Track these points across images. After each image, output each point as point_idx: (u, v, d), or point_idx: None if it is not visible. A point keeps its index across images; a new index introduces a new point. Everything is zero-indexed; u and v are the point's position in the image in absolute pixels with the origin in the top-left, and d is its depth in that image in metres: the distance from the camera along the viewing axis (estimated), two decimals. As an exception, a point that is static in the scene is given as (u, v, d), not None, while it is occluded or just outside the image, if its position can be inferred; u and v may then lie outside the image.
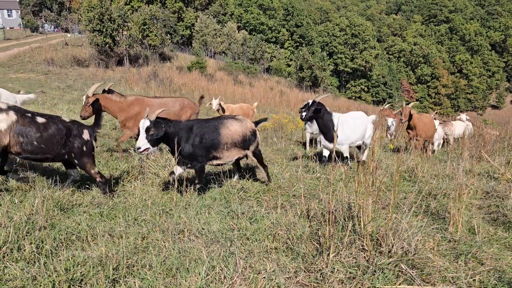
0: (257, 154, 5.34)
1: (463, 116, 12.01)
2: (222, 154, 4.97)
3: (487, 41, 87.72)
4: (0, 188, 4.49)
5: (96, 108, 5.93)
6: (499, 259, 3.46)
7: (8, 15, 54.80)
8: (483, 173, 6.71)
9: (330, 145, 6.53)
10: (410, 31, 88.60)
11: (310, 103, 6.37)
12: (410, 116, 8.64)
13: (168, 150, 7.25)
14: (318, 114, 6.40)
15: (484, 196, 5.40)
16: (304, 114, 6.37)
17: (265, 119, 5.68)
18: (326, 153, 6.75)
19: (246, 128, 5.14)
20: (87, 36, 31.69)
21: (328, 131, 6.46)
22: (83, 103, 6.19)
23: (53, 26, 57.10)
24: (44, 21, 57.03)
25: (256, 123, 5.42)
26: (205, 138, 4.80)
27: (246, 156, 5.29)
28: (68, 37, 40.16)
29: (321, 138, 6.66)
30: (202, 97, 7.74)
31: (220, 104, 10.51)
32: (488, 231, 4.13)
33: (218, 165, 5.14)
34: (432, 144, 9.93)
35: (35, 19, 55.00)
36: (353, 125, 6.71)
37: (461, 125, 11.11)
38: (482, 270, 3.21)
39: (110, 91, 6.69)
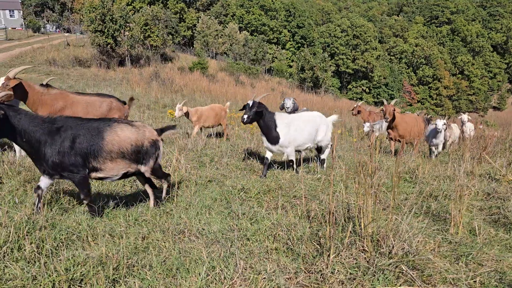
0: (156, 170, 4.36)
1: (465, 116, 11.51)
2: (104, 165, 3.98)
3: (489, 43, 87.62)
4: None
5: (19, 94, 5.27)
6: (500, 260, 3.45)
7: (10, 15, 54.87)
8: (484, 175, 6.70)
9: (273, 147, 6.13)
10: (411, 32, 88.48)
11: (250, 104, 5.92)
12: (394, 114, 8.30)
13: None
14: (261, 114, 5.98)
15: (485, 198, 5.39)
16: (245, 116, 5.88)
17: (173, 127, 4.62)
18: (268, 155, 6.29)
19: (144, 136, 4.15)
20: (89, 36, 31.74)
21: (269, 132, 6.07)
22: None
23: (55, 27, 57.21)
24: (46, 22, 57.13)
25: (161, 130, 4.45)
26: (80, 142, 3.82)
27: (138, 173, 4.32)
28: (66, 36, 40.18)
29: (263, 139, 6.24)
30: (132, 99, 6.93)
31: (183, 110, 8.99)
32: (489, 232, 4.12)
33: (99, 179, 4.11)
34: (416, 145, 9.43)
35: (37, 20, 55.09)
36: (301, 126, 6.22)
37: (456, 128, 10.76)
38: (483, 271, 3.20)
39: (47, 86, 5.94)
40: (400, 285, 2.96)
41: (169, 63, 37.65)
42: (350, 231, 3.41)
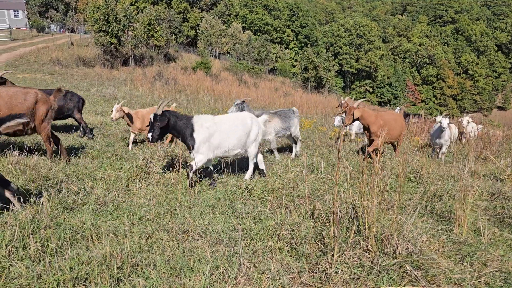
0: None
1: (465, 119, 10.78)
2: None
3: (493, 42, 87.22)
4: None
5: None
6: (505, 260, 3.44)
7: (15, 15, 55.14)
8: (488, 175, 6.67)
9: (191, 156, 5.41)
10: (415, 31, 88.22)
11: (152, 119, 5.21)
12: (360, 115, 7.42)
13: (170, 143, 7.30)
14: (167, 126, 5.29)
15: (490, 198, 5.36)
16: (149, 136, 5.21)
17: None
18: (207, 164, 5.61)
19: None
20: (93, 36, 31.83)
21: (185, 139, 5.37)
22: None
23: (59, 27, 57.43)
24: (50, 22, 57.39)
25: None
26: None
27: None
28: (68, 35, 40.28)
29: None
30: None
31: (123, 111, 7.88)
32: (494, 232, 4.10)
33: None
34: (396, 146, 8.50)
35: (41, 20, 55.36)
36: (226, 129, 5.53)
37: (454, 128, 10.15)
38: (488, 271, 3.19)
39: (1, 79, 5.63)
40: (404, 285, 2.95)
41: (173, 63, 37.70)
42: (354, 231, 3.40)
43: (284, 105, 23.27)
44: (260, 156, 6.08)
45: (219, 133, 5.44)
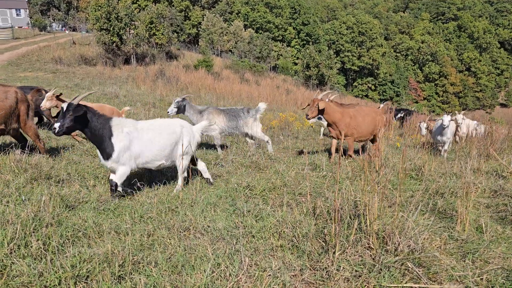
0: None
1: (459, 116, 10.27)
2: None
3: (496, 39, 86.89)
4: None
5: None
6: (507, 258, 3.42)
7: (17, 14, 55.25)
8: (491, 172, 6.64)
9: (108, 164, 4.67)
10: (417, 29, 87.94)
11: (65, 108, 4.47)
12: (324, 109, 6.90)
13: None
14: (81, 121, 4.52)
15: (492, 195, 5.34)
16: (56, 126, 4.45)
17: None
18: (113, 176, 4.78)
19: None
20: (95, 35, 31.86)
21: (101, 144, 4.62)
22: None
23: (61, 25, 57.51)
24: (52, 20, 57.49)
25: None
26: None
27: None
28: (68, 33, 40.36)
29: (98, 153, 4.77)
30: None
31: (59, 99, 6.99)
32: (496, 230, 4.08)
33: None
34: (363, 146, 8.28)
35: (43, 18, 55.45)
36: (149, 138, 4.88)
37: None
38: (490, 269, 3.18)
39: None
40: (406, 283, 2.94)
41: (174, 61, 37.71)
42: (356, 228, 3.40)
43: (286, 103, 23.28)
44: (202, 165, 5.51)
45: (139, 140, 4.79)
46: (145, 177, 5.60)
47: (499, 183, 5.71)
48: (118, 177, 4.68)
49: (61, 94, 7.06)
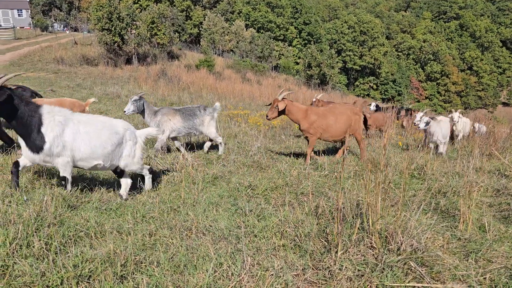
0: None
1: (456, 114, 9.57)
2: None
3: (498, 38, 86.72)
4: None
5: None
6: (510, 257, 3.41)
7: (19, 14, 55.38)
8: (493, 171, 6.63)
9: (35, 157, 4.20)
10: (419, 28, 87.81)
11: None
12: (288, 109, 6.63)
13: (176, 148, 7.30)
14: (3, 109, 4.02)
15: (495, 194, 5.33)
16: None
17: None
18: (24, 161, 4.34)
19: None
20: (96, 35, 31.89)
21: (28, 134, 4.13)
22: None
23: (62, 25, 57.61)
24: (53, 20, 57.57)
25: None
26: None
27: None
28: (68, 32, 40.41)
29: (21, 145, 4.27)
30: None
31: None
32: (499, 229, 4.07)
33: None
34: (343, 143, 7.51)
35: (44, 19, 55.55)
36: (90, 131, 4.39)
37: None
38: (493, 268, 3.17)
39: None
40: (408, 282, 2.93)
41: (176, 61, 37.71)
42: (358, 228, 3.39)
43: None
44: (126, 181, 4.93)
45: (74, 132, 4.28)
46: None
47: (501, 182, 5.70)
48: (62, 170, 4.32)
49: None
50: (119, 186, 4.97)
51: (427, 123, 8.07)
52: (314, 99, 11.99)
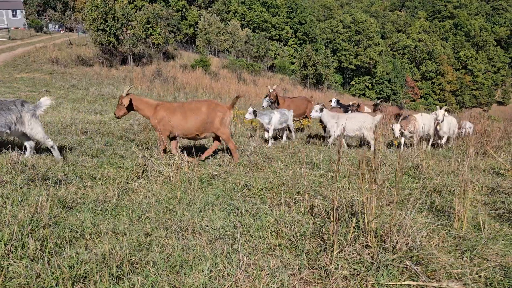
0: None
1: (440, 112, 9.01)
2: None
3: (492, 37, 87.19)
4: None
5: None
6: (505, 255, 3.43)
7: (13, 15, 55.09)
8: (488, 169, 6.66)
9: None
10: (414, 27, 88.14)
11: None
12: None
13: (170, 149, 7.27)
14: None
15: (490, 192, 5.36)
16: None
17: None
18: None
19: None
20: (91, 35, 31.79)
21: None
22: None
23: (57, 26, 57.34)
24: (48, 21, 57.29)
25: None
26: None
27: None
28: (65, 34, 40.23)
29: None
30: None
31: None
32: (494, 227, 4.10)
33: None
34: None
35: (39, 19, 55.30)
36: None
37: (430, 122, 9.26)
38: (488, 266, 3.18)
39: None
40: (404, 280, 2.94)
41: (171, 61, 37.65)
42: (354, 227, 3.40)
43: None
44: None
45: None
46: (142, 177, 5.58)
47: (496, 180, 5.73)
48: None
49: None
50: (117, 185, 4.96)
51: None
52: (270, 90, 11.12)
